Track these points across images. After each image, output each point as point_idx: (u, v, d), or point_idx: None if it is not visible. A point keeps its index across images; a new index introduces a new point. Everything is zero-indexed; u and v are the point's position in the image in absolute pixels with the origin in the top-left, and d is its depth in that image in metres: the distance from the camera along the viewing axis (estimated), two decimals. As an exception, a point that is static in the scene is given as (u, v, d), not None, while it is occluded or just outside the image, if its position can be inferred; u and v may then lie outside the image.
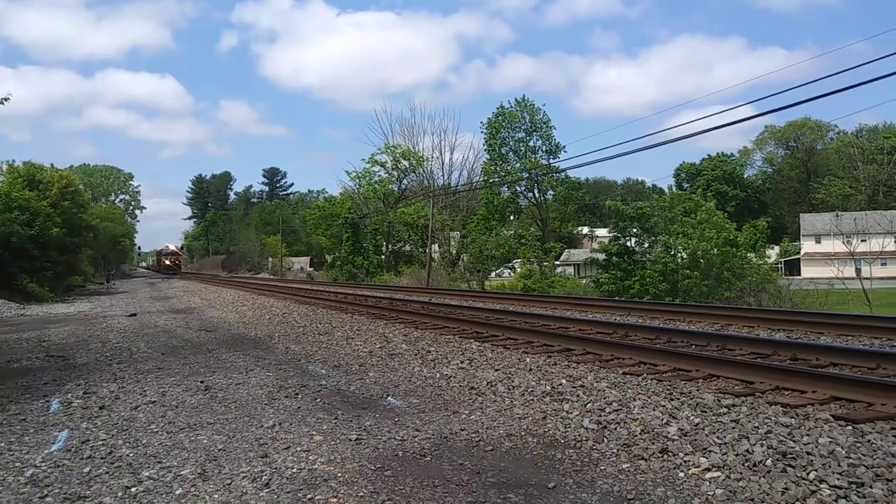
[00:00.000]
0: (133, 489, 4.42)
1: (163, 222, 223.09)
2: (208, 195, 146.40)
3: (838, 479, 3.86)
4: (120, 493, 4.35)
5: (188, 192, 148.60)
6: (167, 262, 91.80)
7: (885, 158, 78.26)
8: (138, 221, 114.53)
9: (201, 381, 8.17)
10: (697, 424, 5.10)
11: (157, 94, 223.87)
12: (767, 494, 3.90)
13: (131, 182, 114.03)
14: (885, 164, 78.13)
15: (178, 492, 4.35)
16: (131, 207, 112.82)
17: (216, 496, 4.26)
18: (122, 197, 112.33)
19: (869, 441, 4.42)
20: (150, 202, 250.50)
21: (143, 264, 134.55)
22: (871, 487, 3.73)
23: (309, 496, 4.20)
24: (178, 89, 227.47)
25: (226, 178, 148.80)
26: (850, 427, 4.79)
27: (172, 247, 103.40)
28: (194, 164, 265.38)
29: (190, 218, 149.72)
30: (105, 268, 69.03)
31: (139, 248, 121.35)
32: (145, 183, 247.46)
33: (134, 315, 19.59)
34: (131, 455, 5.21)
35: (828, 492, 3.78)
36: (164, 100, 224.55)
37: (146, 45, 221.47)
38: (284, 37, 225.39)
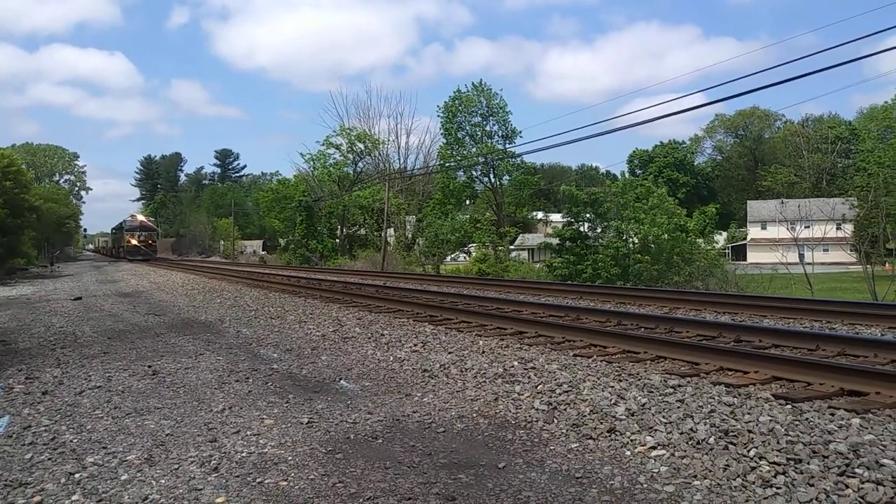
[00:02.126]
0: (77, 475, 4.32)
1: (110, 204, 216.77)
2: (158, 176, 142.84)
3: (777, 456, 3.99)
4: (63, 480, 4.25)
5: (137, 172, 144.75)
6: (134, 240, 64.39)
7: (829, 148, 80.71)
8: (84, 203, 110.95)
9: (149, 366, 8.02)
10: (644, 404, 5.21)
11: (105, 71, 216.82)
12: (710, 471, 4.02)
13: (76, 162, 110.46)
14: (828, 153, 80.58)
15: (123, 477, 4.27)
16: (76, 188, 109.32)
17: (163, 481, 4.19)
18: (66, 177, 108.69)
19: (807, 419, 4.58)
20: (96, 183, 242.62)
21: (90, 246, 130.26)
22: (808, 464, 3.87)
23: (259, 479, 4.17)
24: (127, 67, 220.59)
25: (176, 159, 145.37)
26: (789, 406, 4.95)
27: (142, 217, 72.16)
28: (144, 144, 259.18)
29: (138, 199, 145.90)
30: (49, 250, 67.14)
31: (85, 230, 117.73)
32: (92, 163, 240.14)
33: (79, 299, 19.07)
34: (75, 441, 5.09)
35: (767, 468, 3.90)
36: (112, 77, 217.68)
37: (94, 20, 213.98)
38: (238, 14, 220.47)
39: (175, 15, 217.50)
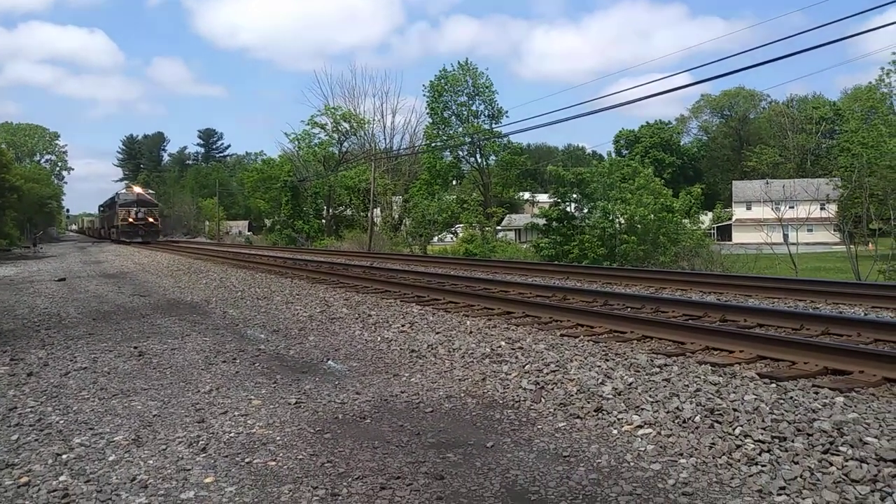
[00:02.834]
0: (64, 456, 4.30)
1: (92, 184, 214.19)
2: (140, 156, 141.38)
3: (762, 434, 4.04)
4: (50, 461, 4.23)
5: (119, 152, 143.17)
6: (131, 217, 51.26)
7: (814, 128, 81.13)
8: (66, 183, 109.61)
9: (135, 347, 7.97)
10: (631, 384, 5.25)
11: (86, 49, 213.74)
12: (696, 449, 4.06)
13: (57, 142, 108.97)
14: (813, 133, 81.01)
15: (111, 458, 4.25)
16: (58, 168, 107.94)
17: (151, 462, 4.18)
18: (47, 157, 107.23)
19: (791, 398, 4.63)
20: (78, 163, 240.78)
21: (74, 227, 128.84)
22: (792, 441, 3.91)
23: (247, 460, 4.17)
24: (108, 45, 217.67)
25: (159, 139, 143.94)
26: (774, 385, 5.00)
27: (139, 189, 57.12)
28: (126, 123, 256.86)
29: (121, 180, 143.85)
30: (31, 231, 66.22)
31: (68, 210, 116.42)
32: (74, 143, 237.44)
33: (63, 280, 18.90)
34: (62, 422, 5.06)
35: (752, 446, 3.95)
36: (92, 55, 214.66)
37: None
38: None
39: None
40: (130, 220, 51.10)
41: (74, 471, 4.05)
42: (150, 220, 52.21)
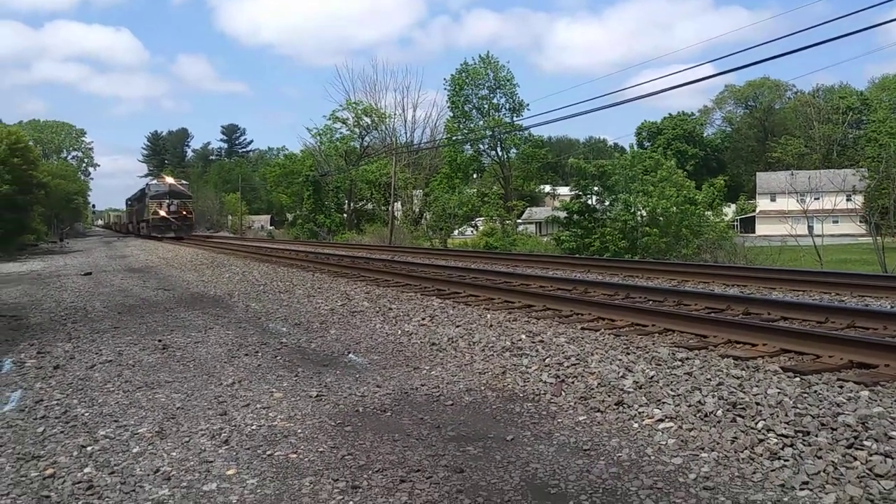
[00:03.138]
0: (89, 448, 4.37)
1: (118, 180, 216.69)
2: (165, 152, 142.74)
3: (785, 429, 4.00)
4: (75, 453, 4.30)
5: (144, 149, 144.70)
6: (163, 211, 47.25)
7: (840, 118, 79.78)
8: (92, 179, 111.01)
9: (159, 340, 8.07)
10: (652, 377, 5.22)
11: (111, 47, 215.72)
12: (717, 443, 4.03)
13: (83, 138, 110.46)
14: (839, 123, 79.67)
15: (135, 450, 4.31)
16: (84, 164, 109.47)
17: (174, 454, 4.23)
18: (74, 154, 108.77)
19: (815, 392, 4.57)
20: (104, 159, 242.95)
21: (100, 222, 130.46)
22: (816, 436, 3.87)
23: (269, 452, 4.21)
24: (133, 43, 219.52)
25: (183, 135, 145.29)
26: (797, 378, 4.94)
27: (171, 179, 52.16)
28: (151, 120, 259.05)
29: (146, 175, 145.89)
30: (58, 227, 67.23)
31: (93, 205, 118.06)
32: (99, 139, 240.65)
33: (89, 274, 19.18)
34: (87, 414, 5.14)
35: (775, 440, 3.91)
36: (118, 53, 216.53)
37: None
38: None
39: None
40: (162, 213, 46.77)
41: (99, 463, 4.12)
42: (184, 213, 47.65)
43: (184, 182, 55.11)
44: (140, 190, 56.98)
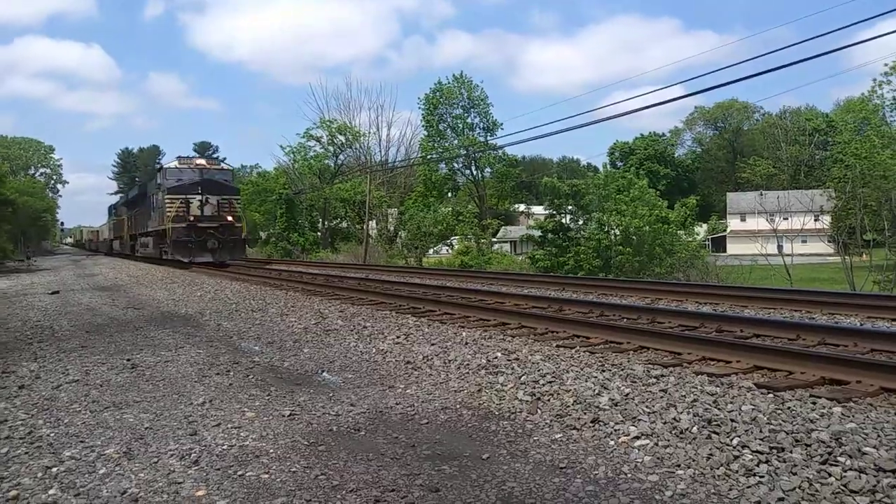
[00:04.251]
0: (54, 469, 4.24)
1: (87, 197, 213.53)
2: (136, 169, 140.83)
3: (760, 445, 4.01)
4: (40, 474, 4.17)
5: (114, 166, 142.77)
6: (194, 216, 27.08)
7: (807, 140, 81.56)
8: (60, 196, 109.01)
9: (127, 360, 7.90)
10: (628, 394, 5.22)
11: (83, 64, 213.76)
12: (693, 460, 4.02)
13: (52, 155, 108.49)
14: (806, 145, 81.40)
15: (101, 471, 4.19)
16: (52, 181, 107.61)
17: (142, 475, 4.12)
18: (42, 170, 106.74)
19: (789, 408, 4.60)
20: (73, 176, 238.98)
21: (70, 240, 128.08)
22: (790, 452, 3.88)
23: (240, 472, 4.11)
24: (105, 60, 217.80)
25: (154, 152, 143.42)
26: (771, 395, 4.97)
27: (202, 161, 30.82)
28: (121, 137, 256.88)
29: (116, 193, 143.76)
30: (25, 245, 65.94)
31: (62, 223, 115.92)
32: (68, 156, 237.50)
33: (56, 292, 18.80)
34: (52, 435, 5.00)
35: (750, 457, 3.91)
36: (89, 70, 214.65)
37: (68, 11, 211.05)
38: (214, 7, 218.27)
39: (150, 7, 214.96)
40: (192, 219, 26.82)
41: (64, 484, 3.99)
42: (229, 218, 27.65)
43: (225, 164, 32.83)
44: (141, 184, 38.05)
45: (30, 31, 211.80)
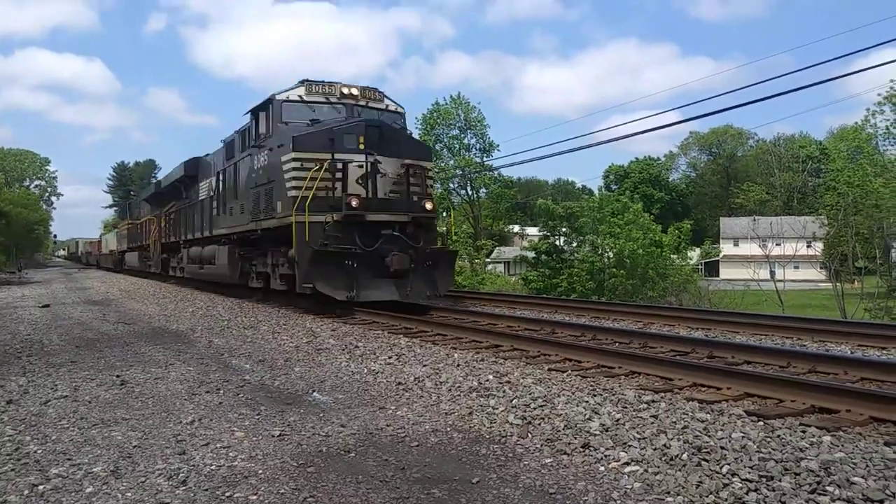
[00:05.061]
0: (40, 487, 4.21)
1: (81, 210, 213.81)
2: (131, 183, 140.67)
3: (749, 473, 4.01)
4: (26, 492, 4.14)
5: (109, 179, 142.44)
6: (383, 212, 12.77)
7: (800, 166, 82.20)
8: (54, 209, 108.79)
9: (117, 376, 7.86)
10: (618, 420, 5.21)
11: (83, 77, 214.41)
12: (683, 487, 4.02)
13: (48, 167, 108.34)
14: (799, 171, 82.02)
15: (88, 490, 4.16)
16: (47, 194, 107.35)
17: (129, 494, 4.09)
18: (37, 183, 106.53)
19: (779, 436, 4.61)
20: (68, 189, 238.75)
21: (62, 252, 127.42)
22: (779, 481, 3.88)
23: (228, 494, 4.09)
24: (105, 74, 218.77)
25: (150, 166, 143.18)
26: (761, 422, 4.98)
27: (355, 90, 14.03)
28: (118, 150, 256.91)
29: (111, 206, 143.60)
30: (17, 256, 65.58)
31: (55, 235, 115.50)
32: (65, 169, 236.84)
33: (47, 306, 18.70)
34: (39, 452, 4.96)
35: (739, 485, 3.91)
36: (89, 83, 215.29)
37: (71, 25, 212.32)
38: (216, 23, 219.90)
39: (152, 21, 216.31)
40: (354, 204, 12.61)
41: (50, 502, 3.97)
42: (427, 206, 13.77)
43: (389, 103, 15.37)
44: (188, 161, 22.55)
45: (31, 44, 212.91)
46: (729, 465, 4.16)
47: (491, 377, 6.93)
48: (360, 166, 12.77)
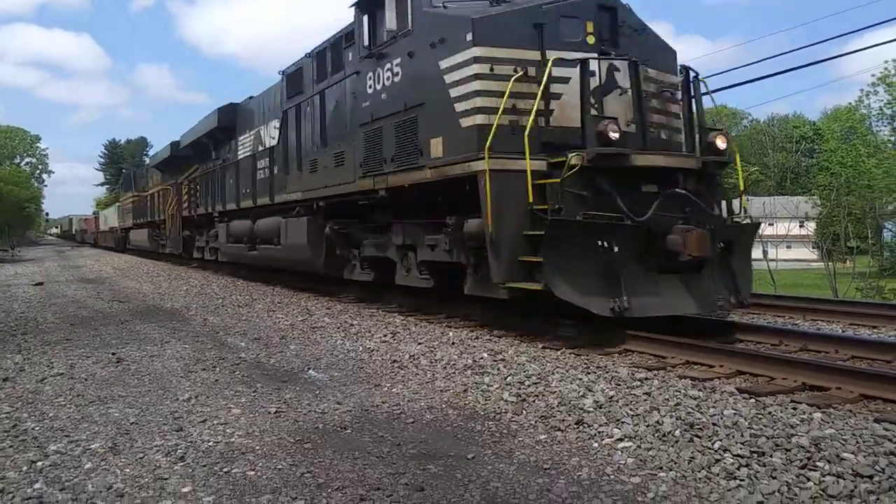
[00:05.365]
0: (39, 463, 4.23)
1: (73, 188, 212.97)
2: (122, 160, 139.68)
3: (741, 449, 4.07)
4: (25, 468, 4.16)
5: (101, 156, 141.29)
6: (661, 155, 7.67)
7: (794, 147, 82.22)
8: (45, 186, 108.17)
9: (113, 353, 7.88)
10: (612, 397, 5.27)
11: (72, 53, 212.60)
12: (675, 463, 4.08)
13: (38, 144, 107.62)
14: (793, 152, 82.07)
15: (87, 466, 4.19)
16: (38, 171, 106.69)
17: (128, 470, 4.13)
18: (27, 160, 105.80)
19: (770, 413, 4.67)
20: (59, 166, 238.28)
21: (55, 230, 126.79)
22: (770, 456, 3.94)
23: (225, 469, 4.13)
24: (94, 49, 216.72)
25: (142, 144, 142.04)
26: (753, 400, 5.04)
27: None
28: (110, 128, 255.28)
29: (102, 184, 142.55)
30: (9, 235, 65.29)
31: (47, 213, 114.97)
32: (55, 146, 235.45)
33: (41, 284, 18.66)
34: (37, 429, 4.99)
35: (731, 460, 3.97)
36: (78, 59, 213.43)
37: (58, 1, 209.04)
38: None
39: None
40: (616, 133, 7.21)
41: (49, 478, 3.99)
42: (719, 144, 8.11)
43: None
44: (224, 108, 17.85)
45: (19, 19, 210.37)
46: (721, 441, 4.22)
47: (485, 355, 6.97)
48: (593, 74, 7.71)
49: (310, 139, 12.52)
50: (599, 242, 6.88)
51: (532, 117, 7.29)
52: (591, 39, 7.93)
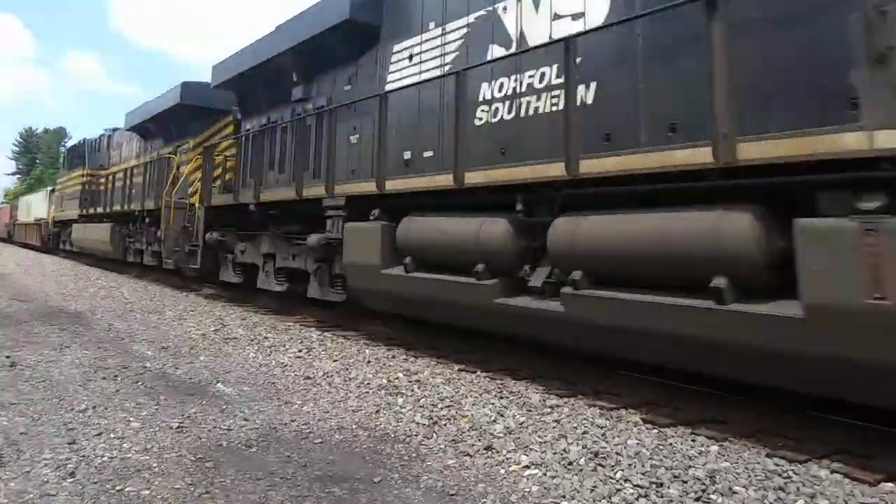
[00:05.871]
0: (-90, 476, 3.94)
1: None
2: (38, 150, 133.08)
3: (641, 479, 4.17)
4: None
5: (15, 144, 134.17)
6: None
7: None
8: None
9: (7, 357, 7.44)
10: (522, 423, 5.33)
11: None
12: (578, 491, 4.14)
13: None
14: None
15: (-35, 480, 3.93)
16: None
17: (12, 484, 3.89)
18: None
19: (670, 444, 4.82)
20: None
21: None
22: (668, 487, 4.06)
23: (118, 487, 3.94)
24: (20, 30, 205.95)
25: (60, 134, 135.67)
26: (655, 430, 5.19)
27: None
28: (27, 115, 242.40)
29: (14, 174, 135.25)
30: None
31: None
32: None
33: (-67, 277, 17.51)
34: (-88, 437, 4.65)
35: (631, 490, 4.07)
36: (2, 39, 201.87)
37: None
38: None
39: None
40: None
41: (-79, 493, 3.72)
42: None
43: None
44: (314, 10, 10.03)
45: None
46: (623, 470, 4.32)
47: (401, 375, 6.95)
48: None
49: None
50: None
51: None
52: None
